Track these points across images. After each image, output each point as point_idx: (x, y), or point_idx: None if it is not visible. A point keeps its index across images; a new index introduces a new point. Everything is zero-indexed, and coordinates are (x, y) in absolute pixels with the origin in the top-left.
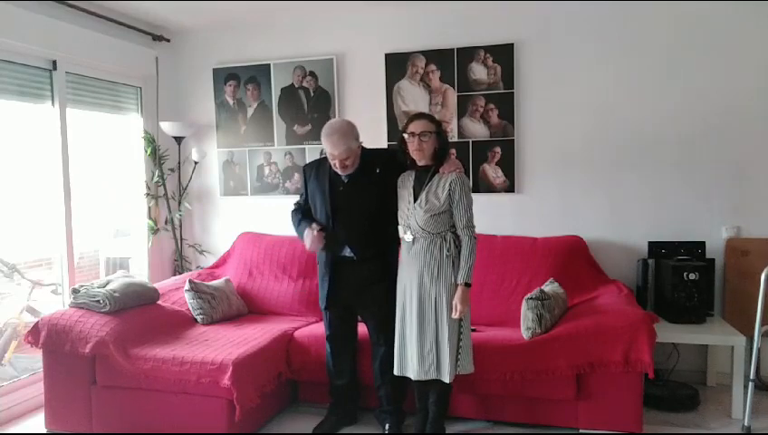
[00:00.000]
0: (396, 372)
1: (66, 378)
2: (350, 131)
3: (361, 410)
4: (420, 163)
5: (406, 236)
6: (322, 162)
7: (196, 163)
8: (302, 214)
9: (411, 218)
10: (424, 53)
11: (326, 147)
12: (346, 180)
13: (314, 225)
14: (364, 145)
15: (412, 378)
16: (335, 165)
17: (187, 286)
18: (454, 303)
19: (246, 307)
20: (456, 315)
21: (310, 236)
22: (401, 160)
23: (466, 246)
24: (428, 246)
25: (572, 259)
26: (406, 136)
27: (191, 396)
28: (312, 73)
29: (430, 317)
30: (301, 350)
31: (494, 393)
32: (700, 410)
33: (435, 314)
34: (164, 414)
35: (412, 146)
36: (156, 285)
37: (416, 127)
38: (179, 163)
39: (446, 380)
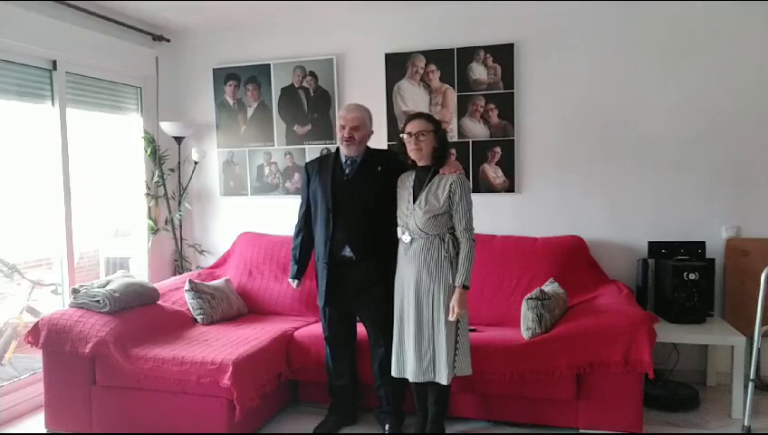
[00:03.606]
0: (393, 374)
1: (66, 378)
2: (367, 111)
3: (361, 410)
4: (420, 163)
5: (404, 236)
6: (324, 159)
7: (196, 163)
8: (303, 242)
9: (410, 219)
10: (424, 53)
11: (340, 114)
12: (347, 171)
13: (297, 283)
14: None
15: (410, 380)
16: (342, 136)
17: (187, 286)
18: (451, 305)
19: (246, 307)
20: (452, 318)
21: (293, 284)
22: (402, 162)
23: (465, 248)
24: (427, 247)
25: (572, 259)
26: (404, 136)
27: (191, 396)
28: (312, 73)
29: (428, 319)
30: (301, 350)
31: (494, 393)
32: (700, 410)
33: (432, 315)
34: (164, 414)
35: (410, 146)
36: (156, 285)
37: (413, 127)
38: (179, 163)
39: (444, 382)
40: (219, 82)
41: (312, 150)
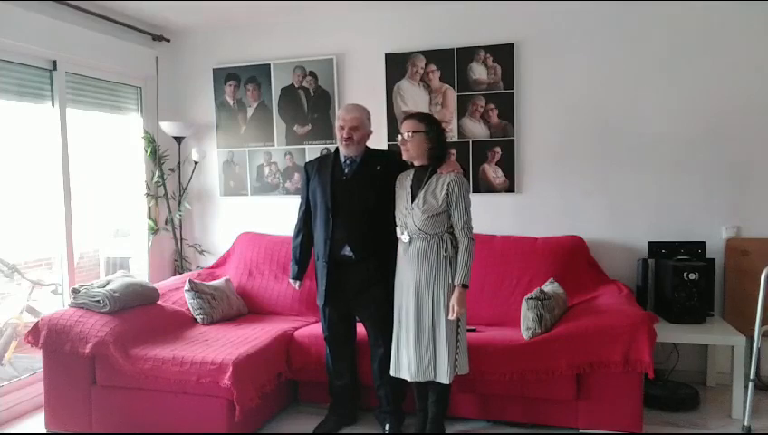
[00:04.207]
0: (392, 373)
1: (66, 378)
2: (365, 110)
3: (361, 410)
4: (416, 163)
5: (403, 236)
6: (324, 159)
7: (196, 163)
8: (302, 242)
9: (408, 218)
10: (424, 53)
11: (339, 115)
12: (347, 171)
13: (297, 284)
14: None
15: (408, 379)
16: (341, 137)
17: (187, 286)
18: (451, 304)
19: (246, 307)
20: (452, 317)
21: (294, 284)
22: (403, 161)
23: (464, 247)
24: (425, 247)
25: (572, 259)
26: (399, 136)
27: (191, 396)
28: (312, 73)
29: (427, 318)
30: (301, 350)
31: (494, 393)
32: (700, 410)
33: (432, 315)
34: (164, 414)
35: (401, 145)
36: (156, 285)
37: (403, 127)
38: (179, 163)
39: (445, 381)
40: (219, 82)
41: (312, 150)
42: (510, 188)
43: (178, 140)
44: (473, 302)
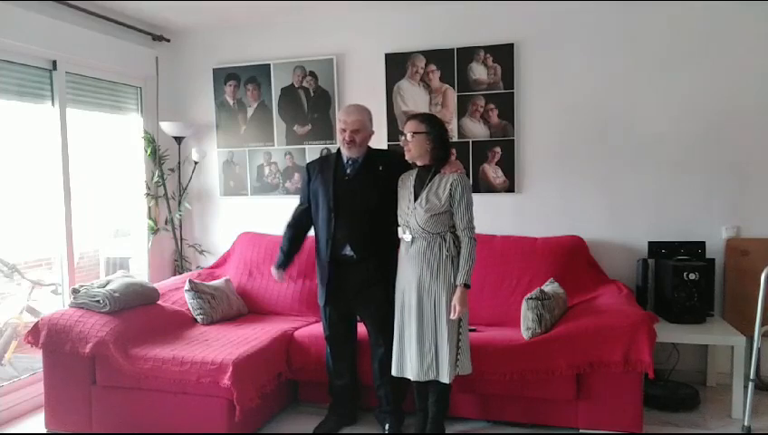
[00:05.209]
0: (394, 373)
1: (66, 378)
2: (366, 111)
3: (361, 410)
4: (418, 163)
5: (405, 235)
6: (326, 159)
7: (196, 163)
8: (293, 234)
9: (411, 218)
10: (424, 53)
11: (340, 117)
12: (349, 171)
13: (280, 273)
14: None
15: (411, 379)
16: (343, 139)
17: (187, 286)
18: (453, 304)
19: (246, 307)
20: (454, 316)
21: (275, 274)
22: (406, 161)
23: (466, 247)
24: (428, 247)
25: (572, 259)
26: (401, 137)
27: (191, 396)
28: (312, 73)
29: (429, 318)
30: (301, 350)
31: (494, 393)
32: (700, 410)
33: (434, 314)
34: (164, 414)
35: (403, 146)
36: (156, 285)
37: (405, 127)
38: (179, 163)
39: (446, 380)
40: (219, 82)
41: (312, 150)
42: (510, 188)
43: (178, 140)
44: (473, 301)
